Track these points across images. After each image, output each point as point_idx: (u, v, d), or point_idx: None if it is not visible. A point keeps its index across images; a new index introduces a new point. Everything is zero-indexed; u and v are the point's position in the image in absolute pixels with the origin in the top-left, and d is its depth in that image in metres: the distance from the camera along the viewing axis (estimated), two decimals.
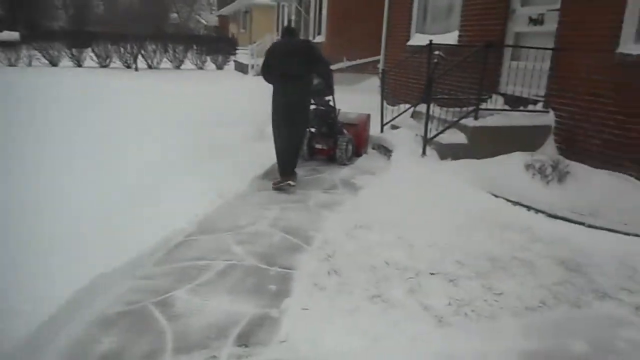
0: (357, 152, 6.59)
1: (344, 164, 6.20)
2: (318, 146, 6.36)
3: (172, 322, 2.76)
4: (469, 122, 5.82)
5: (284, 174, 5.18)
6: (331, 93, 6.02)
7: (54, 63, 18.28)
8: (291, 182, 5.12)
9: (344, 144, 6.16)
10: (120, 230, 3.68)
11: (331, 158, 6.35)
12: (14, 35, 19.04)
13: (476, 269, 3.41)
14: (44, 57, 18.17)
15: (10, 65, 17.65)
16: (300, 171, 5.64)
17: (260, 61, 16.66)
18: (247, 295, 3.06)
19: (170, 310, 2.88)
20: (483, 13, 7.14)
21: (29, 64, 17.88)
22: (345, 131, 6.39)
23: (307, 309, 2.86)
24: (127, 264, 3.31)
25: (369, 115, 6.85)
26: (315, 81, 5.57)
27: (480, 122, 5.81)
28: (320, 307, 2.89)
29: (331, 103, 6.23)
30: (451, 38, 7.71)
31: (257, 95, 6.42)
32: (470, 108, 5.96)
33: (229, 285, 3.19)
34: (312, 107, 5.98)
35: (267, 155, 5.67)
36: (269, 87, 5.30)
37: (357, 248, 3.70)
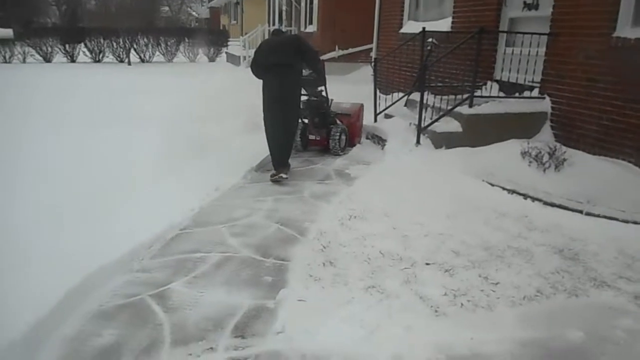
0: (351, 142, 6.54)
1: (338, 154, 6.18)
2: (312, 137, 6.36)
3: (170, 314, 2.75)
4: (464, 109, 5.78)
5: (279, 165, 5.17)
6: (323, 83, 5.95)
7: (47, 59, 18.20)
8: (283, 175, 5.09)
9: (338, 134, 6.15)
10: (116, 223, 3.66)
11: (325, 148, 6.34)
12: (7, 32, 18.90)
13: (472, 258, 3.39)
14: (38, 53, 18.11)
15: (5, 62, 17.55)
16: (294, 162, 5.61)
17: (252, 52, 16.52)
18: (243, 287, 3.04)
19: (168, 302, 2.87)
20: None
21: (23, 61, 17.79)
22: (338, 121, 6.37)
23: (303, 300, 2.84)
24: (124, 258, 3.31)
25: (362, 105, 6.79)
26: (306, 72, 5.55)
27: (474, 110, 5.77)
28: (316, 298, 2.87)
29: (323, 93, 6.18)
30: (444, 25, 7.65)
31: (249, 86, 6.35)
32: (465, 95, 5.93)
33: (225, 277, 3.17)
34: (304, 98, 5.97)
35: (260, 146, 5.62)
36: (260, 80, 5.29)
37: (352, 238, 3.67)
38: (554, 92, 5.76)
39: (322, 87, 6.11)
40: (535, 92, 5.98)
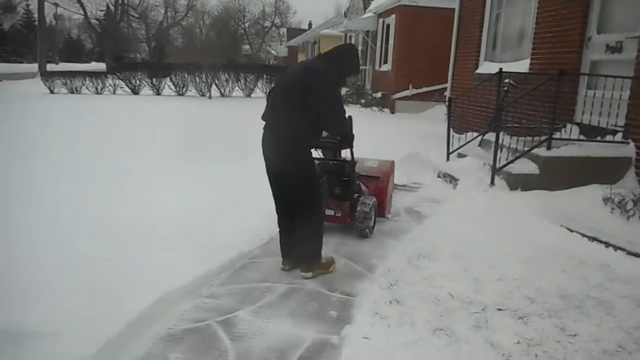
0: (380, 213, 4.85)
1: (367, 237, 4.50)
2: (329, 212, 4.41)
3: (235, 341, 2.81)
4: (541, 151, 5.61)
5: (288, 255, 3.81)
6: (349, 145, 4.21)
7: (135, 92, 19.50)
8: (306, 274, 3.65)
9: (367, 209, 4.40)
10: (188, 250, 3.80)
11: (347, 226, 4.60)
12: (101, 66, 20.57)
13: (548, 306, 3.23)
14: (127, 86, 19.44)
15: (97, 93, 19.01)
16: None
17: None
18: (308, 320, 3.06)
19: (234, 329, 2.93)
20: (556, 41, 6.93)
21: (114, 92, 19.16)
22: (363, 187, 4.75)
23: (368, 338, 2.81)
24: (194, 283, 3.41)
25: (392, 163, 5.14)
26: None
27: (553, 152, 5.59)
28: (381, 337, 2.83)
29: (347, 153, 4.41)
30: (522, 66, 7.53)
31: None
32: (543, 137, 5.75)
33: (291, 308, 3.20)
34: (318, 160, 4.31)
35: None
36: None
37: (420, 278, 3.61)
38: (639, 137, 5.46)
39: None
40: (619, 137, 5.69)
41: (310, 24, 47.44)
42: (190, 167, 6.36)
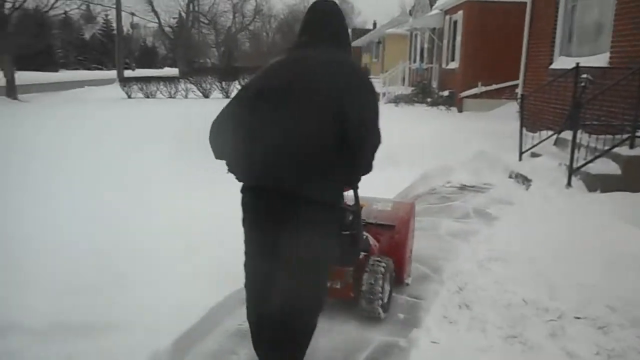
0: (399, 279, 3.40)
1: (378, 316, 3.03)
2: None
3: None
4: (623, 150, 5.30)
5: None
6: (352, 185, 2.43)
7: (206, 95, 20.22)
8: None
9: (378, 278, 2.98)
10: None
11: (349, 300, 3.11)
12: (173, 71, 21.49)
13: (630, 316, 3.03)
14: (198, 90, 20.21)
15: (170, 97, 19.88)
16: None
17: (392, 89, 16.64)
18: (374, 322, 3.04)
19: None
20: (637, 32, 6.49)
21: (186, 96, 19.97)
22: (372, 241, 3.21)
23: (437, 343, 2.76)
24: None
25: (412, 205, 3.68)
26: None
27: (636, 151, 5.27)
28: (451, 342, 2.77)
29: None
30: (601, 60, 7.11)
31: (394, 122, 6.35)
32: (625, 136, 5.42)
33: (357, 309, 3.18)
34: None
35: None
36: (411, 113, 4.01)
37: (490, 282, 3.50)
38: None
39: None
40: None
41: (375, 24, 47.26)
42: None
